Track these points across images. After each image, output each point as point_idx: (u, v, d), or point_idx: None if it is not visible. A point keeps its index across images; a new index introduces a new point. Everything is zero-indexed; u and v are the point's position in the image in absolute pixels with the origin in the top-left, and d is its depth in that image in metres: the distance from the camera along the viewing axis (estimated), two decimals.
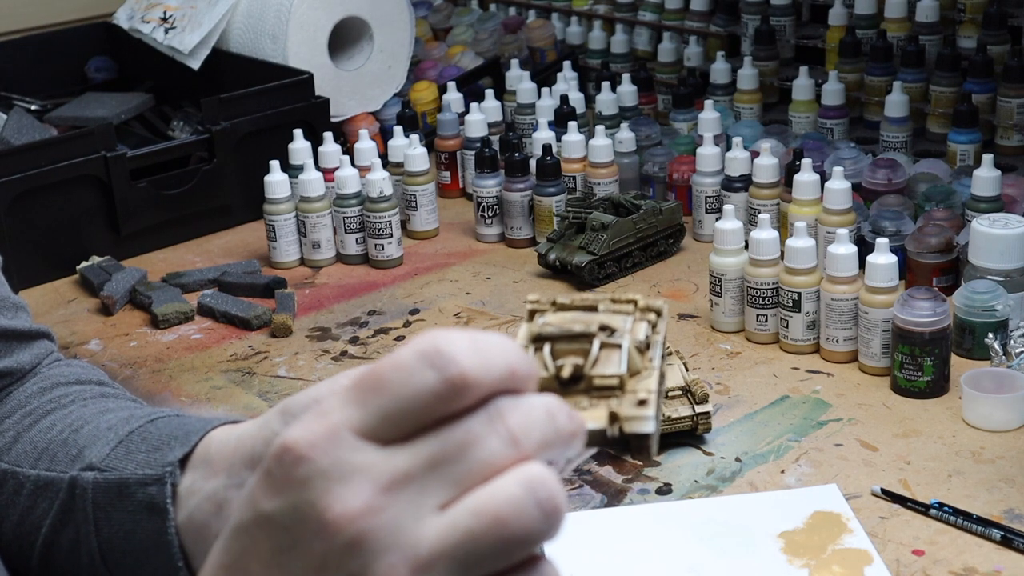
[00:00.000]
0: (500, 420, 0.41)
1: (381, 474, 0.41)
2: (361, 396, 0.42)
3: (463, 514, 0.40)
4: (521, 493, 0.40)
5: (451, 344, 0.41)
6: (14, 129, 1.66)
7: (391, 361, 0.41)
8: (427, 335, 0.41)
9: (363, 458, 0.41)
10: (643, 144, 1.61)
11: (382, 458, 0.41)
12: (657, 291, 1.37)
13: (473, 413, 0.41)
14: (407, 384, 0.41)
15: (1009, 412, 1.06)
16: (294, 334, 1.32)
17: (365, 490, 0.40)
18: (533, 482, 0.40)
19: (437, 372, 0.40)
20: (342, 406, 0.42)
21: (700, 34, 1.87)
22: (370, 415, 0.41)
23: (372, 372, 0.42)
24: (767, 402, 1.13)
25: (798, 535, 0.93)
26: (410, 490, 0.41)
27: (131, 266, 1.48)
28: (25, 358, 0.82)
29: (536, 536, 0.40)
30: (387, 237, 1.48)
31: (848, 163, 1.44)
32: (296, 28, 1.69)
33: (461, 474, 0.41)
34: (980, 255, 1.21)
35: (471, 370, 0.41)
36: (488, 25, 2.03)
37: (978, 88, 1.56)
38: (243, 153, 1.60)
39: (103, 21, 1.98)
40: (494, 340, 0.42)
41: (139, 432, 0.71)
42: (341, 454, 0.41)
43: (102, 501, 0.69)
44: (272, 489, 0.42)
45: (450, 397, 0.41)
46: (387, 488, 0.41)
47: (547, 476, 0.41)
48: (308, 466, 0.41)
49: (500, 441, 0.41)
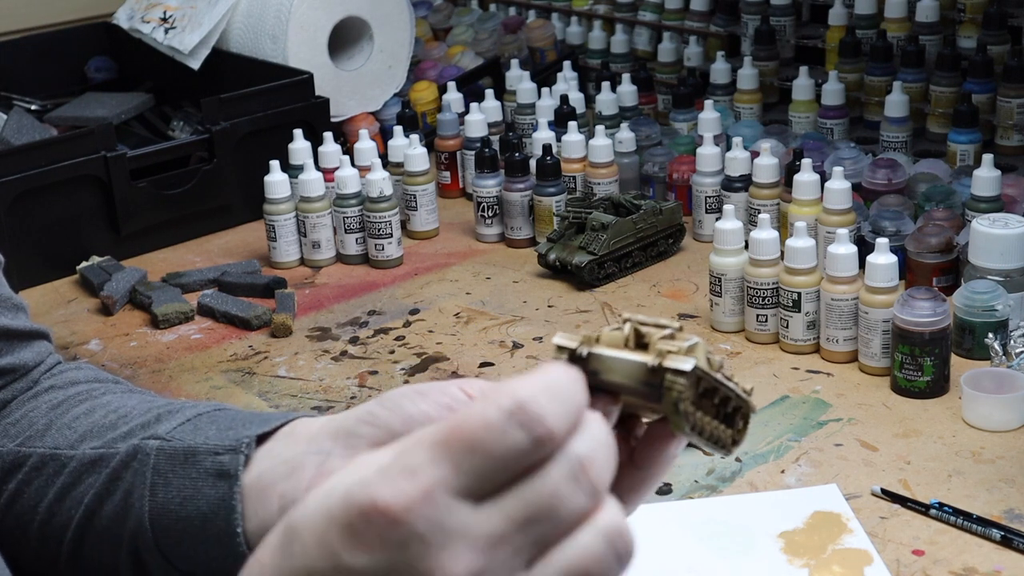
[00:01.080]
0: (583, 473, 0.43)
1: (479, 537, 0.42)
2: (452, 455, 0.42)
3: (554, 572, 0.42)
4: (604, 548, 0.43)
5: (536, 402, 0.42)
6: (14, 129, 1.66)
7: (479, 420, 0.42)
8: (505, 389, 0.43)
9: (460, 521, 0.42)
10: (643, 144, 1.61)
11: (477, 520, 0.42)
12: (657, 291, 1.37)
13: (555, 464, 0.43)
14: (500, 444, 0.42)
15: (1009, 412, 1.06)
16: (294, 334, 1.32)
17: (466, 554, 0.42)
18: (612, 534, 0.43)
19: (527, 432, 0.42)
20: (432, 464, 0.42)
21: (700, 34, 1.87)
22: (463, 475, 0.42)
23: (461, 431, 0.42)
24: (767, 402, 1.13)
25: (798, 535, 0.93)
26: (505, 550, 0.42)
27: (131, 266, 1.48)
28: (27, 356, 0.82)
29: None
30: (387, 237, 1.48)
31: (848, 163, 1.44)
32: (296, 28, 1.69)
33: (551, 530, 0.43)
34: (980, 255, 1.21)
35: (556, 426, 0.42)
36: (488, 25, 2.03)
37: (978, 88, 1.56)
38: (243, 153, 1.60)
39: (103, 21, 1.98)
40: (564, 384, 0.43)
41: (207, 416, 0.71)
42: (439, 517, 0.42)
43: (164, 467, 0.69)
44: (360, 546, 0.42)
45: (538, 452, 0.42)
46: (484, 550, 0.42)
47: (624, 525, 0.43)
48: (404, 529, 0.42)
49: (585, 496, 0.43)
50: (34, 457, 0.75)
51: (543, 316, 1.33)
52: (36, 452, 0.75)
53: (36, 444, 0.75)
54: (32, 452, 0.75)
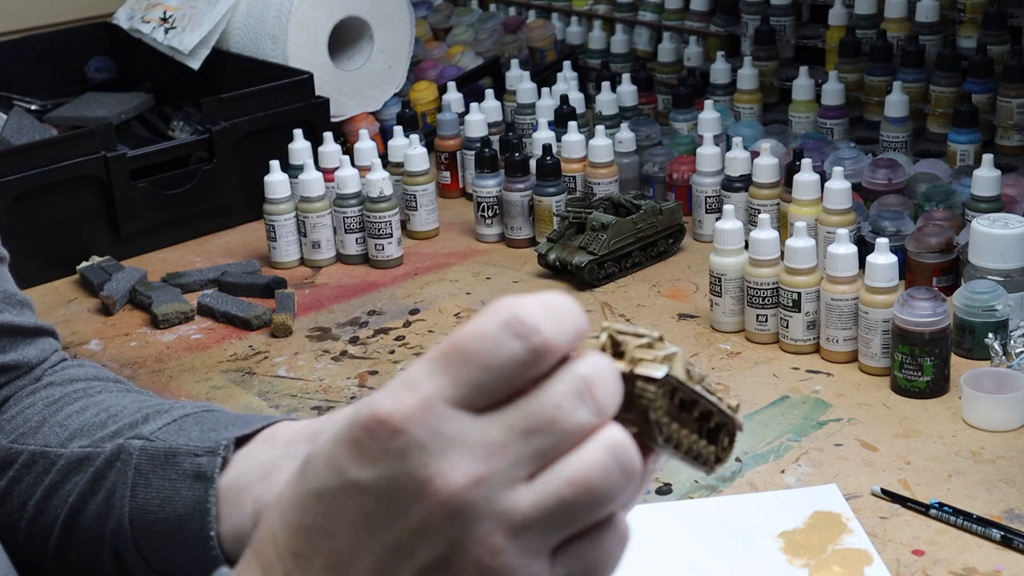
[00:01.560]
0: (589, 393, 0.43)
1: (477, 445, 0.42)
2: (449, 367, 0.43)
3: (557, 483, 0.43)
4: (608, 460, 0.43)
5: (532, 313, 0.43)
6: (14, 129, 1.66)
7: (476, 332, 0.43)
8: (502, 304, 0.44)
9: (459, 429, 0.43)
10: (643, 144, 1.61)
11: (476, 428, 0.43)
12: (657, 291, 1.37)
13: (559, 381, 0.43)
14: (495, 354, 0.43)
15: (1009, 412, 1.06)
16: (294, 334, 1.32)
17: (464, 461, 0.42)
18: (616, 448, 0.43)
19: (522, 342, 0.43)
20: (431, 376, 0.43)
21: (700, 34, 1.87)
22: (461, 386, 0.43)
23: (458, 343, 0.43)
24: (767, 402, 1.13)
25: (798, 535, 0.93)
26: (505, 459, 0.43)
27: (131, 266, 1.48)
28: (31, 353, 0.83)
29: (620, 497, 0.44)
30: (387, 237, 1.48)
31: (848, 163, 1.44)
32: (296, 28, 1.69)
33: (553, 443, 0.43)
34: (980, 255, 1.21)
35: (553, 338, 0.43)
36: (488, 25, 2.03)
37: (978, 88, 1.56)
38: (243, 153, 1.60)
39: (103, 21, 1.98)
40: (564, 304, 0.44)
41: (193, 417, 0.72)
42: (438, 425, 0.42)
43: (145, 467, 0.69)
44: (365, 459, 0.43)
45: (535, 364, 0.43)
46: (484, 458, 0.42)
47: (626, 440, 0.44)
48: (405, 438, 0.42)
49: (589, 413, 0.43)
50: (24, 454, 0.75)
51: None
52: (27, 449, 0.75)
53: (28, 441, 0.76)
54: (23, 449, 0.76)
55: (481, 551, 0.42)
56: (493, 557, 0.42)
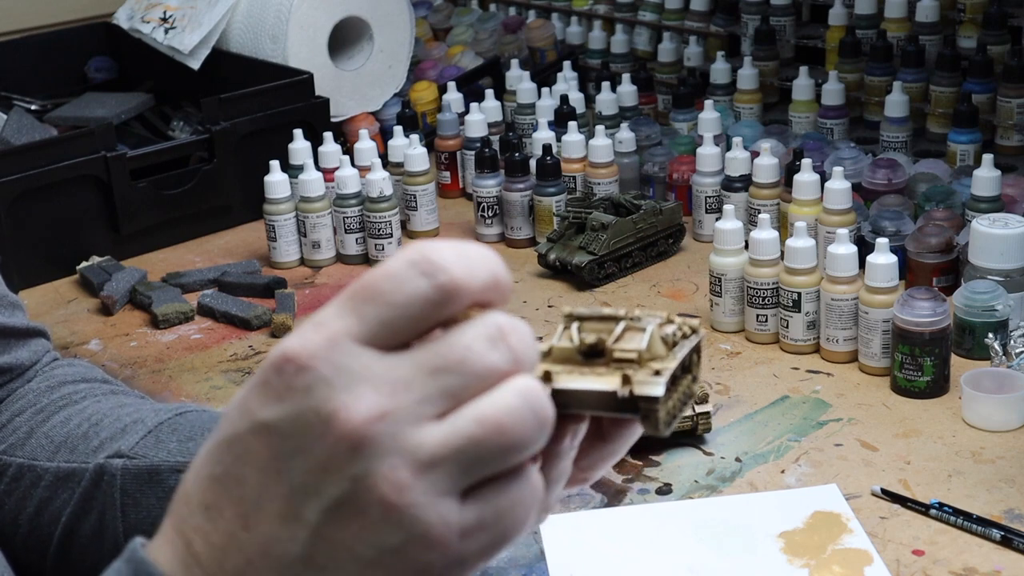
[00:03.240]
0: (503, 339, 0.43)
1: (383, 380, 0.42)
2: (356, 305, 0.43)
3: (465, 421, 0.42)
4: (520, 403, 0.42)
5: (439, 253, 0.43)
6: (14, 129, 1.66)
7: (383, 271, 0.43)
8: (414, 245, 0.43)
9: (364, 364, 0.42)
10: (643, 144, 1.61)
11: (383, 365, 0.42)
12: (657, 291, 1.37)
13: (471, 325, 0.43)
14: (400, 292, 0.43)
15: (1009, 412, 1.06)
16: None
17: (368, 395, 0.42)
18: (529, 394, 0.43)
19: (428, 279, 0.42)
20: (338, 316, 0.43)
21: (700, 34, 1.87)
22: (367, 323, 0.43)
23: (365, 282, 0.43)
24: (767, 402, 1.13)
25: (798, 535, 0.93)
26: (411, 396, 0.42)
27: (131, 266, 1.48)
28: (23, 355, 0.82)
29: (530, 443, 0.43)
30: (387, 237, 1.48)
31: (848, 163, 1.44)
32: (296, 28, 1.69)
33: (462, 384, 0.43)
34: (980, 255, 1.21)
35: (460, 277, 0.43)
36: (488, 25, 2.03)
37: (978, 88, 1.56)
38: (243, 153, 1.60)
39: (103, 21, 1.98)
40: (478, 250, 0.44)
41: (168, 424, 0.71)
42: (343, 361, 0.42)
43: (131, 487, 0.69)
44: (271, 398, 0.43)
45: (442, 303, 0.43)
46: (389, 393, 0.42)
47: (539, 388, 0.43)
48: (310, 374, 0.42)
49: (501, 358, 0.43)
50: (13, 467, 0.76)
51: (543, 316, 1.33)
52: (15, 462, 0.76)
53: (16, 453, 0.76)
54: (12, 462, 0.76)
55: (386, 487, 0.42)
56: (398, 493, 0.41)
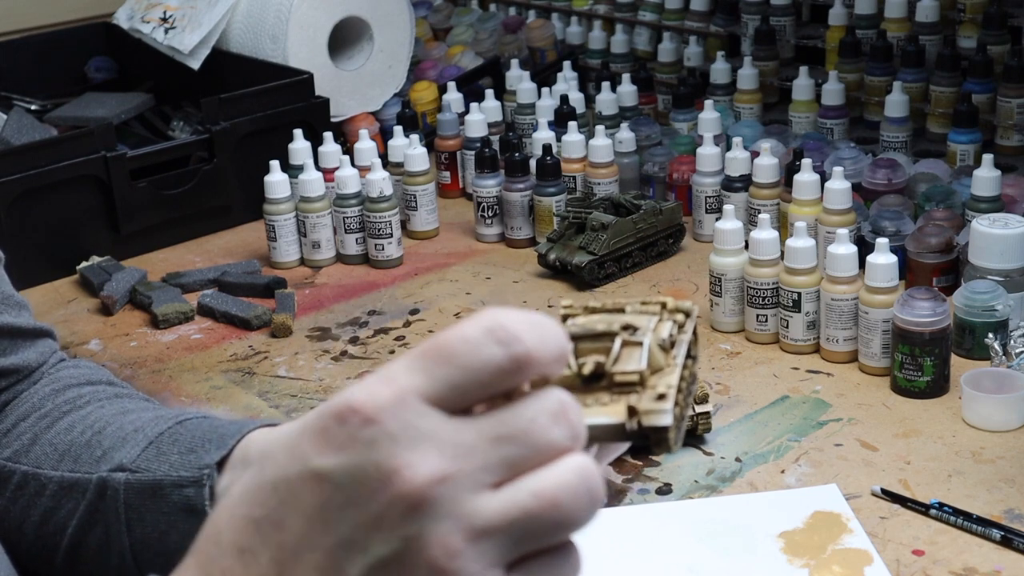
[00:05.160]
0: (564, 416, 0.43)
1: (447, 443, 0.42)
2: (428, 365, 0.43)
3: (523, 493, 0.42)
4: (577, 481, 0.42)
5: (515, 323, 0.43)
6: (14, 129, 1.66)
7: (458, 334, 0.43)
8: (488, 312, 0.43)
9: (431, 425, 0.42)
10: (643, 144, 1.61)
11: (448, 428, 0.42)
12: (657, 291, 1.37)
13: (537, 398, 0.43)
14: (475, 357, 0.42)
15: (1009, 412, 1.06)
16: (294, 334, 1.32)
17: (432, 457, 0.42)
18: (586, 473, 0.43)
19: (503, 348, 0.42)
20: (408, 372, 0.43)
21: (700, 34, 1.87)
22: (437, 384, 0.42)
23: (439, 343, 0.43)
24: (767, 402, 1.13)
25: (798, 535, 0.93)
26: (473, 462, 0.42)
27: (131, 266, 1.48)
28: (31, 356, 0.82)
29: (582, 521, 0.43)
30: (387, 237, 1.48)
31: (848, 163, 1.44)
32: (296, 28, 1.69)
33: (523, 455, 0.43)
34: (980, 255, 1.21)
35: (534, 349, 0.43)
36: (488, 25, 2.03)
37: (978, 88, 1.56)
38: (243, 153, 1.60)
39: (103, 21, 1.98)
40: (549, 322, 0.44)
41: (169, 434, 0.71)
42: (410, 419, 0.42)
43: (134, 502, 0.69)
44: (330, 446, 0.42)
45: (513, 373, 0.43)
46: (452, 457, 0.42)
47: (595, 469, 0.43)
48: (376, 428, 0.42)
49: (563, 434, 0.43)
50: (17, 475, 0.76)
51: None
52: (19, 469, 0.76)
53: (21, 460, 0.76)
54: (16, 469, 0.76)
55: (437, 551, 0.41)
56: (449, 559, 0.41)
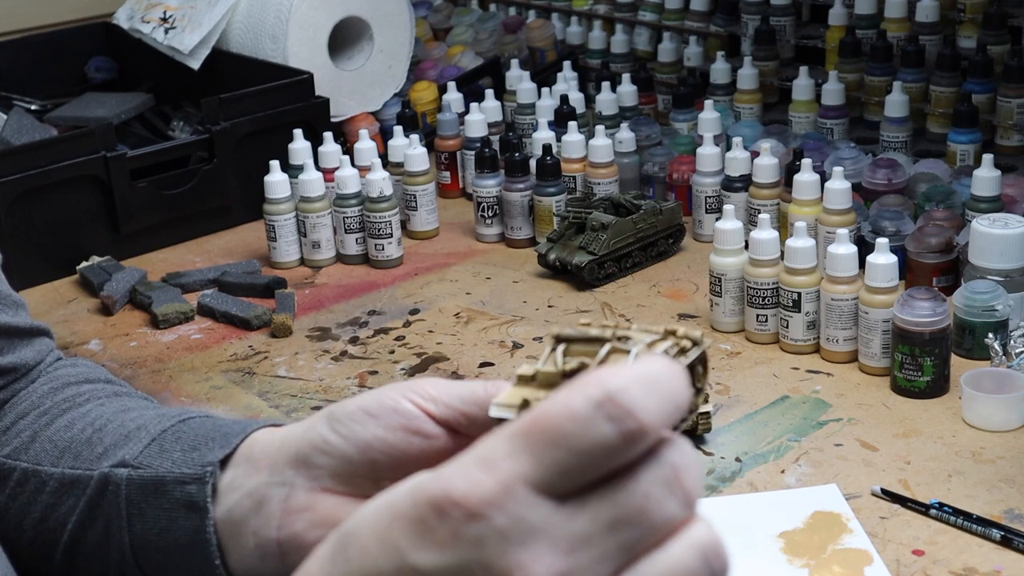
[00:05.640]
0: (678, 482, 0.40)
1: (562, 537, 0.38)
2: (533, 448, 0.39)
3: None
4: (699, 564, 0.39)
5: (627, 393, 0.38)
6: (14, 129, 1.66)
7: (564, 411, 0.38)
8: (596, 378, 0.39)
9: (542, 518, 0.38)
10: (643, 144, 1.61)
11: (561, 518, 0.39)
12: (657, 291, 1.37)
13: (647, 468, 0.39)
14: (585, 438, 0.38)
15: (1009, 412, 1.06)
16: (294, 334, 1.32)
17: (548, 554, 0.38)
18: (708, 551, 0.40)
19: (615, 425, 0.38)
20: (512, 457, 0.39)
21: (700, 34, 1.87)
22: (546, 470, 0.38)
23: (544, 422, 0.39)
24: (767, 402, 1.13)
25: (798, 535, 0.93)
26: (590, 554, 0.39)
27: (131, 266, 1.48)
28: (28, 355, 0.82)
29: None
30: (387, 237, 1.48)
31: (848, 163, 1.44)
32: (296, 28, 1.69)
33: (639, 537, 0.39)
34: (980, 255, 1.21)
35: (648, 421, 0.39)
36: (488, 25, 2.03)
37: (978, 88, 1.56)
38: (243, 153, 1.60)
39: (103, 21, 1.98)
40: (664, 378, 0.39)
41: (172, 432, 0.71)
42: (519, 512, 0.38)
43: (136, 497, 0.69)
44: (429, 542, 0.39)
45: (627, 450, 0.39)
46: (567, 552, 0.38)
47: (719, 542, 0.40)
48: (484, 524, 0.38)
49: (678, 504, 0.40)
50: (17, 472, 0.76)
51: (543, 316, 1.33)
52: (19, 467, 0.76)
53: (21, 457, 0.76)
54: (16, 466, 0.76)
55: None
56: None
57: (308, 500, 0.61)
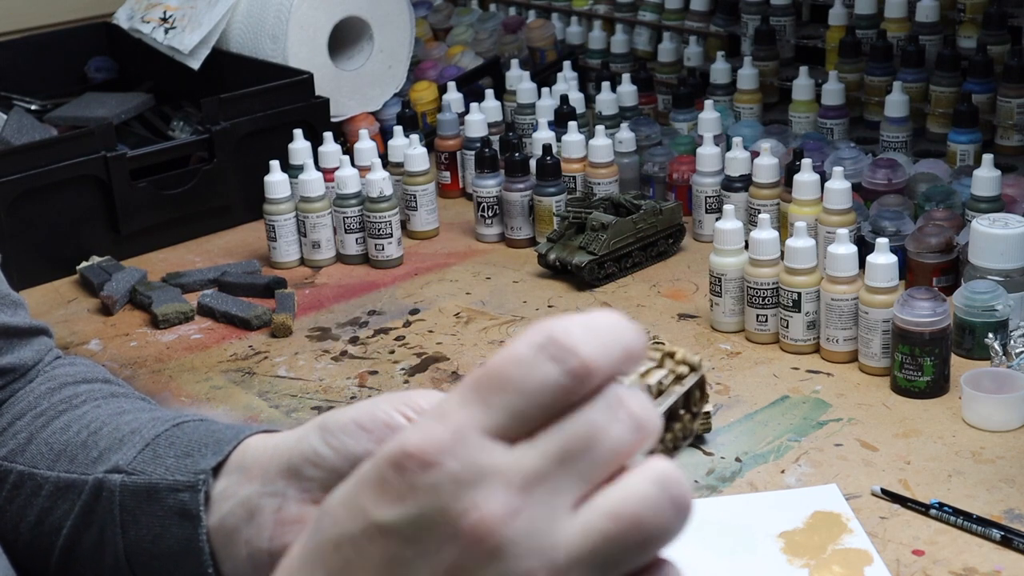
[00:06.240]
0: (621, 407, 0.40)
1: (515, 475, 0.39)
2: (482, 395, 0.40)
3: (600, 517, 0.39)
4: (656, 492, 0.39)
5: (567, 333, 0.40)
6: (14, 129, 1.66)
7: (509, 357, 0.40)
8: (539, 325, 0.40)
9: (495, 459, 0.39)
10: (643, 144, 1.61)
11: (513, 458, 0.39)
12: (657, 291, 1.37)
13: (591, 401, 0.40)
14: (530, 379, 0.39)
15: (1009, 412, 1.06)
16: (294, 334, 1.32)
17: (502, 493, 0.39)
18: (665, 479, 0.40)
19: (558, 364, 0.39)
20: (463, 407, 0.40)
21: (700, 34, 1.87)
22: (495, 414, 0.40)
23: (490, 370, 0.40)
24: (767, 402, 1.13)
25: (798, 535, 0.93)
26: (544, 490, 0.39)
27: (131, 266, 1.48)
28: (27, 355, 0.82)
29: (671, 534, 0.40)
30: (387, 237, 1.48)
31: (848, 163, 1.44)
32: (296, 28, 1.69)
33: (590, 467, 0.40)
34: (980, 255, 1.21)
35: (591, 358, 0.39)
36: (488, 25, 2.03)
37: (978, 88, 1.56)
38: (243, 153, 1.60)
39: (103, 21, 1.98)
40: (605, 321, 0.41)
41: (165, 436, 0.71)
42: (472, 456, 0.39)
43: (130, 504, 0.69)
44: (390, 497, 0.40)
45: (574, 389, 0.39)
46: (522, 489, 0.39)
47: (676, 471, 0.40)
48: (437, 471, 0.39)
49: (625, 428, 0.40)
50: (13, 474, 0.76)
51: (543, 316, 1.33)
52: (15, 469, 0.76)
53: (17, 460, 0.76)
54: (12, 468, 0.76)
55: None
56: None
57: (299, 512, 0.61)
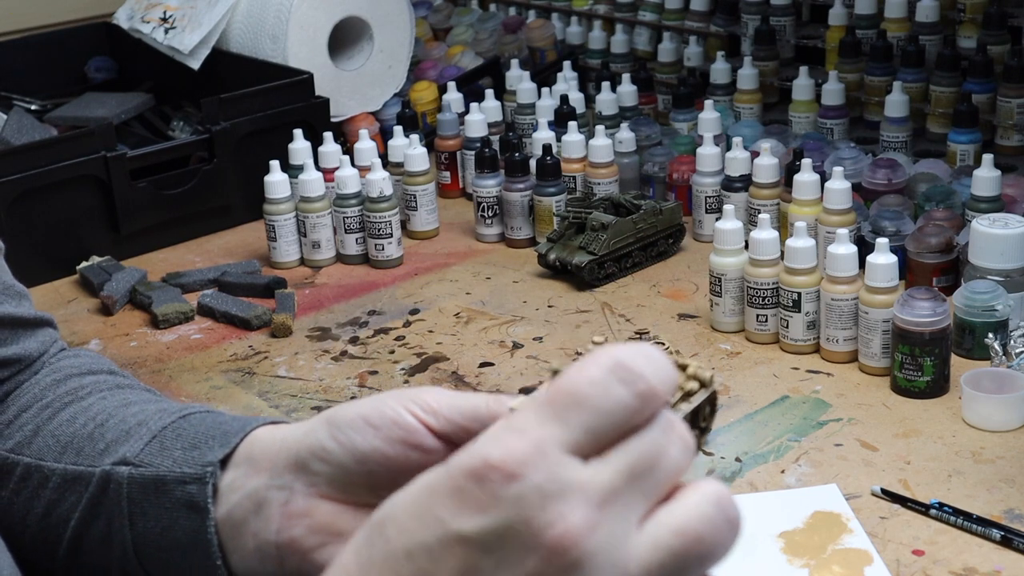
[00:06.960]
0: (673, 430, 0.43)
1: (593, 491, 0.41)
2: (559, 412, 0.42)
3: (667, 533, 0.42)
4: (714, 511, 0.42)
5: (633, 359, 0.43)
6: (14, 129, 1.66)
7: (584, 378, 0.42)
8: (604, 351, 0.43)
9: (575, 474, 0.41)
10: (643, 144, 1.61)
11: (590, 474, 0.42)
12: (657, 291, 1.37)
13: (651, 424, 0.43)
14: (605, 399, 0.42)
15: (1009, 412, 1.06)
16: (294, 334, 1.32)
17: (583, 507, 0.41)
18: (721, 500, 0.43)
19: (628, 387, 0.42)
20: (541, 422, 0.42)
21: (700, 34, 1.87)
22: (572, 431, 0.42)
23: (566, 389, 0.42)
24: (767, 402, 1.13)
25: (798, 535, 0.93)
26: (618, 505, 0.42)
27: (131, 266, 1.48)
28: (32, 346, 0.82)
29: (725, 551, 0.43)
30: (387, 237, 1.48)
31: (848, 163, 1.44)
32: (296, 28, 1.69)
33: (654, 486, 0.43)
34: (980, 255, 1.21)
35: (656, 385, 0.43)
36: (488, 25, 2.03)
37: (978, 88, 1.56)
38: (243, 153, 1.60)
39: (103, 21, 1.98)
40: (658, 354, 0.44)
41: (172, 428, 0.71)
42: (555, 470, 0.41)
43: (137, 496, 0.69)
44: (469, 507, 0.41)
45: (640, 410, 0.43)
46: (600, 504, 0.41)
47: (728, 492, 0.43)
48: (521, 483, 0.41)
49: (679, 449, 0.43)
50: (20, 467, 0.76)
51: (543, 316, 1.33)
52: (22, 462, 0.76)
53: (24, 452, 0.76)
54: (19, 461, 0.76)
55: None
56: None
57: (307, 506, 0.61)
